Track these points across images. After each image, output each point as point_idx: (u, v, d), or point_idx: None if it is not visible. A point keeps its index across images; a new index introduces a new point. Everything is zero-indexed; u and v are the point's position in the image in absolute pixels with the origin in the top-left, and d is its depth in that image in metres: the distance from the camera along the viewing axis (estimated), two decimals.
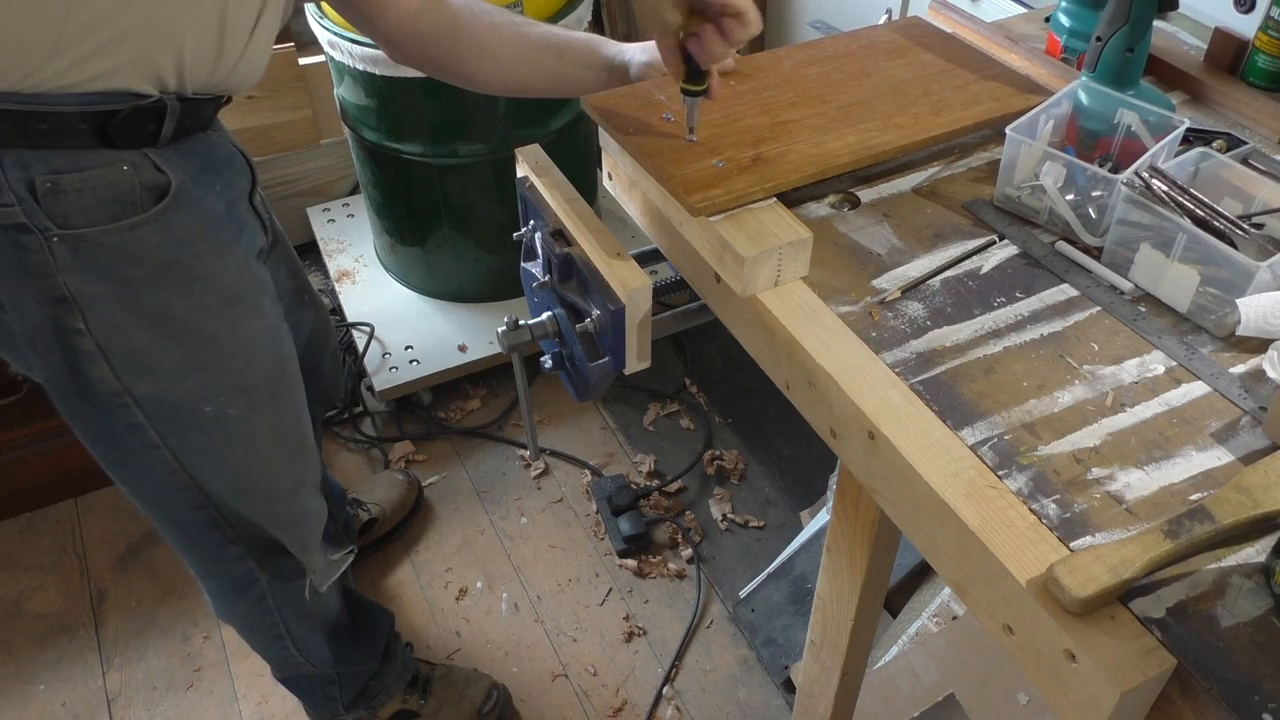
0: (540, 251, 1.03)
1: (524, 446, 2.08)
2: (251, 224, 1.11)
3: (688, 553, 1.86)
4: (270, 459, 1.17)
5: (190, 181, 0.97)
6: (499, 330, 1.03)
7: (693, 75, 0.91)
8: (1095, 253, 0.90)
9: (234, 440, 1.11)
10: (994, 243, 0.92)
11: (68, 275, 0.91)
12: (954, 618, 1.48)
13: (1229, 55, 1.13)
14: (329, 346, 1.46)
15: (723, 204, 0.88)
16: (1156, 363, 0.80)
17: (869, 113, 1.01)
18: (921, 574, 1.59)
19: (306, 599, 1.32)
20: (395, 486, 1.91)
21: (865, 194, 0.98)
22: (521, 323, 1.04)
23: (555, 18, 1.74)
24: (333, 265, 2.31)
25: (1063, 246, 0.91)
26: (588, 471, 2.02)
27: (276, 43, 1.05)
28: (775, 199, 0.91)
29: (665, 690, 1.68)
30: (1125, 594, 0.63)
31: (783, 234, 0.86)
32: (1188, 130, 0.93)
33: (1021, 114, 0.94)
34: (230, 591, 1.30)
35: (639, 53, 1.12)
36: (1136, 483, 0.71)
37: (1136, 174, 0.87)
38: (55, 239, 0.89)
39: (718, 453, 2.04)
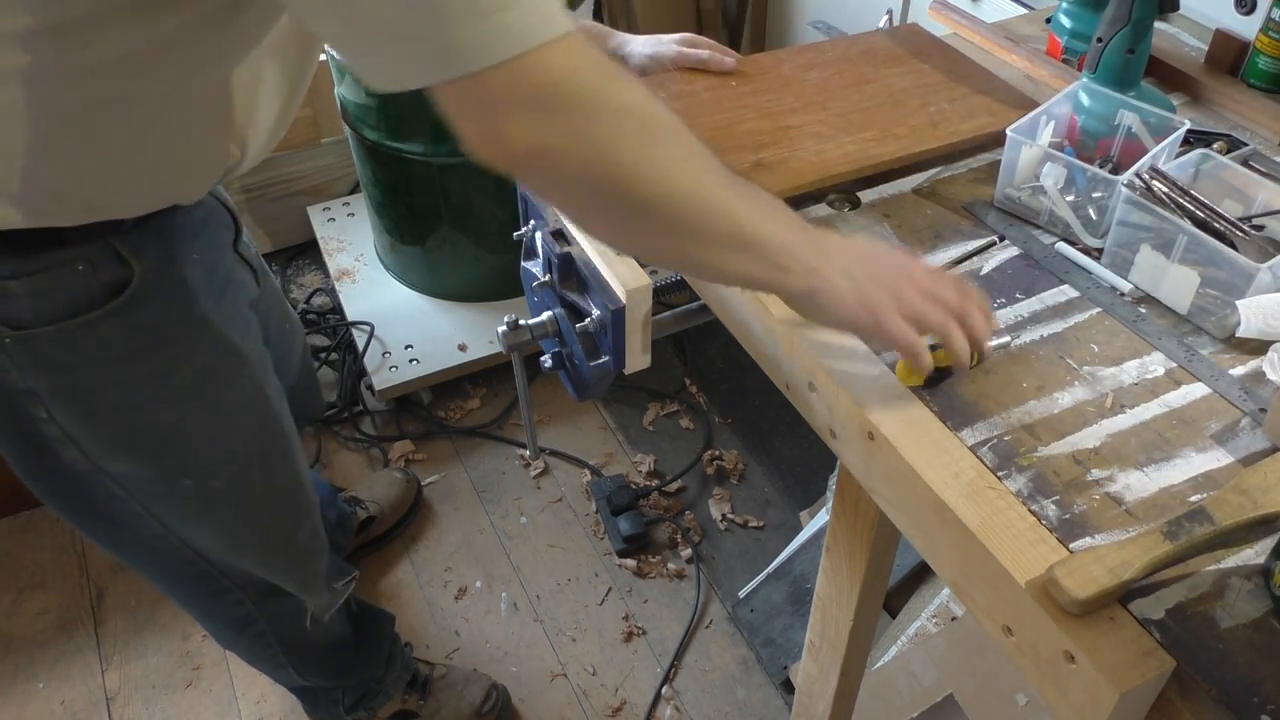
0: (540, 251, 1.03)
1: (524, 446, 2.07)
2: (239, 276, 1.05)
3: (687, 553, 1.86)
4: (264, 516, 1.14)
5: (160, 263, 0.91)
6: (499, 330, 1.03)
7: None
8: (1095, 254, 0.90)
9: (222, 505, 1.08)
10: (994, 243, 0.92)
11: (24, 372, 0.88)
12: (953, 618, 1.48)
13: (1230, 57, 1.13)
14: (309, 366, 1.45)
15: None
16: (1156, 364, 0.80)
17: (868, 122, 1.01)
18: (921, 574, 1.58)
19: (307, 628, 1.31)
20: (394, 485, 1.91)
21: (865, 194, 0.98)
22: (521, 322, 1.04)
23: None
24: (333, 264, 2.31)
25: (1063, 247, 0.91)
26: (587, 471, 2.02)
27: None
28: None
29: (664, 690, 1.67)
30: (1125, 595, 0.63)
31: None
32: (1188, 132, 0.93)
33: None
34: (229, 631, 1.30)
35: (641, 45, 1.12)
36: (1136, 484, 0.71)
37: (1137, 175, 0.87)
38: (8, 340, 0.85)
39: (717, 453, 2.04)
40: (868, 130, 1.00)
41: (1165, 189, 0.86)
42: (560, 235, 0.98)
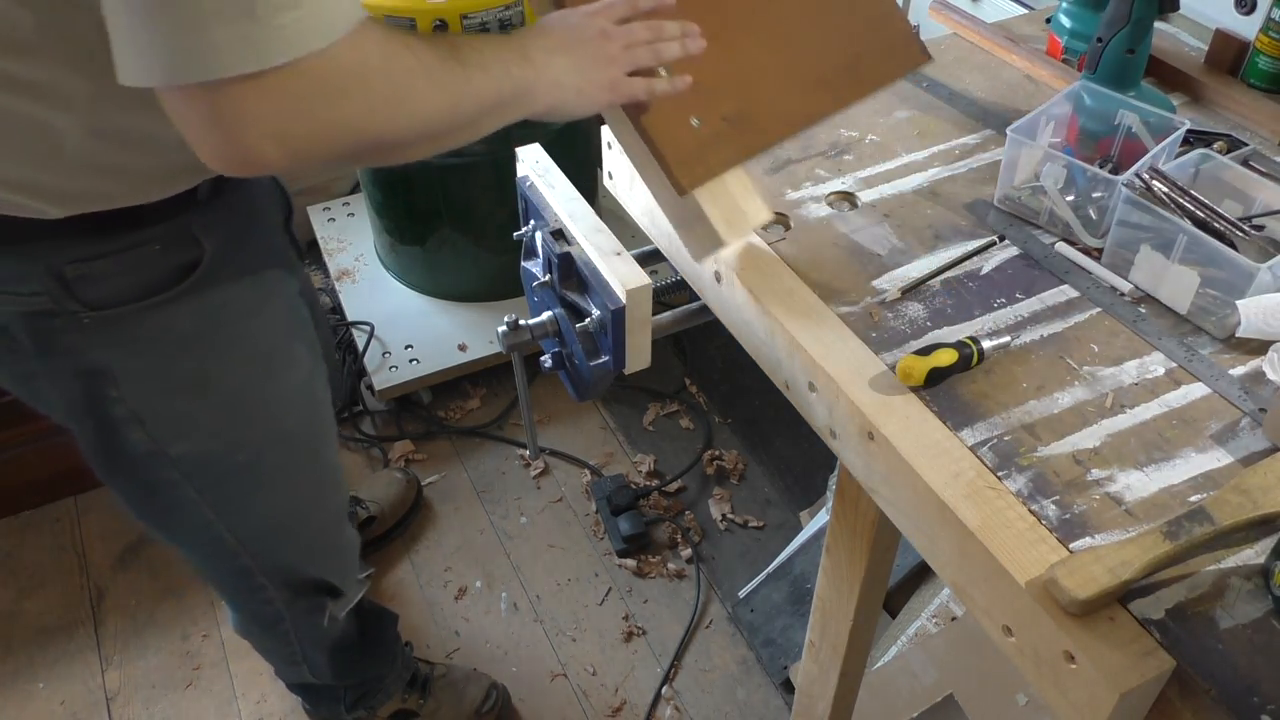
0: (540, 251, 1.03)
1: (524, 446, 2.07)
2: (289, 256, 1.08)
3: (687, 553, 1.86)
4: (311, 499, 1.17)
5: (228, 242, 0.94)
6: (499, 330, 1.03)
7: None
8: (1095, 254, 0.90)
9: (270, 485, 1.10)
10: (994, 243, 0.92)
11: (99, 351, 0.91)
12: (953, 618, 1.48)
13: (1229, 57, 1.13)
14: (331, 356, 1.46)
15: (705, 178, 0.88)
16: (1156, 364, 0.80)
17: (797, 49, 0.94)
18: (921, 574, 1.58)
19: (324, 627, 1.33)
20: (394, 484, 1.91)
21: (865, 194, 0.98)
22: (521, 322, 1.04)
23: None
24: (333, 264, 2.31)
25: (1063, 247, 0.91)
26: (587, 471, 2.02)
27: None
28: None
29: (664, 690, 1.67)
30: (1124, 595, 0.63)
31: (753, 214, 0.89)
32: (1188, 132, 0.93)
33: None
34: (254, 625, 1.32)
35: None
36: (1136, 484, 0.71)
37: (1137, 175, 0.87)
38: (86, 319, 0.88)
39: (717, 453, 2.04)
40: (803, 62, 0.94)
41: (1165, 189, 0.86)
42: (560, 235, 0.98)
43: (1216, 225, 0.83)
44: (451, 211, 2.05)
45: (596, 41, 0.81)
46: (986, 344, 0.79)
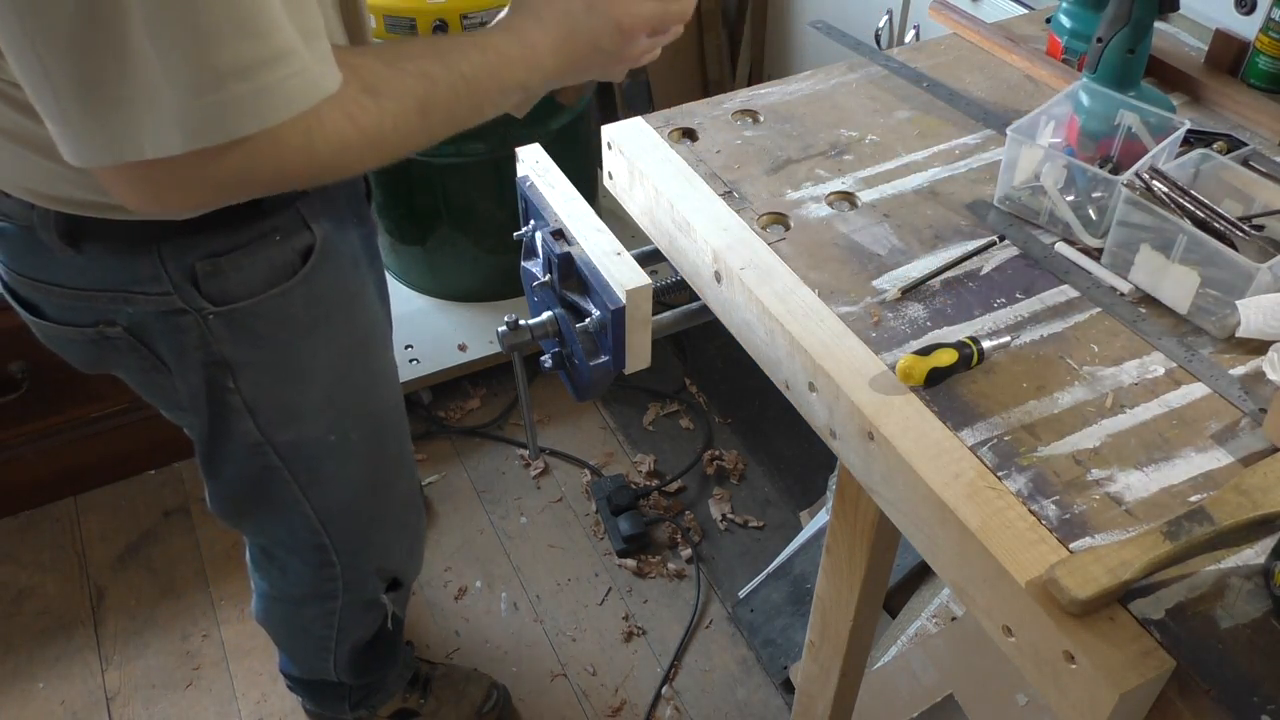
0: (540, 251, 1.03)
1: (524, 446, 2.07)
2: (372, 238, 1.11)
3: (687, 552, 1.86)
4: (389, 476, 1.20)
5: (332, 227, 0.97)
6: (499, 330, 1.03)
7: None
8: (1095, 254, 0.90)
9: (355, 460, 1.13)
10: (994, 243, 0.92)
11: (222, 345, 0.93)
12: (953, 618, 1.48)
13: (1230, 57, 1.13)
14: None
15: None
16: (1156, 364, 0.80)
17: None
18: (921, 574, 1.58)
19: (389, 627, 1.37)
20: None
21: (865, 194, 0.98)
22: (521, 322, 1.04)
23: None
24: None
25: (1063, 247, 0.91)
26: (587, 471, 2.02)
27: None
28: None
29: (664, 690, 1.68)
30: (1124, 595, 0.63)
31: None
32: (1188, 132, 0.93)
33: None
34: (311, 603, 1.31)
35: None
36: (1136, 484, 0.71)
37: (1137, 175, 0.87)
38: (211, 316, 0.90)
39: (717, 452, 2.04)
40: None
41: (1165, 189, 0.86)
42: (560, 235, 0.98)
43: (1216, 225, 0.83)
44: (451, 211, 2.05)
45: (610, 56, 0.83)
46: (986, 344, 0.79)
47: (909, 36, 1.73)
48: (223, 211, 0.83)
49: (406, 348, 2.11)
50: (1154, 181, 0.86)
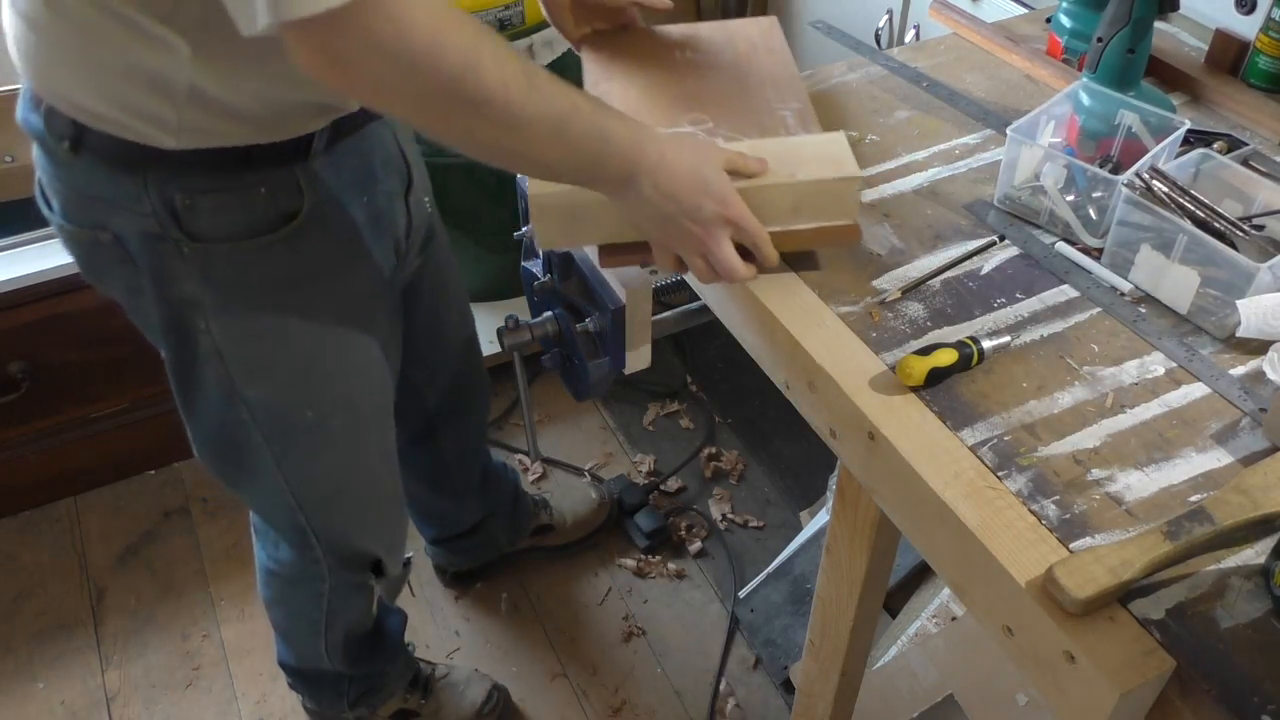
0: (540, 251, 1.03)
1: (523, 452, 2.07)
2: (399, 224, 1.09)
3: (695, 545, 1.86)
4: (369, 471, 1.19)
5: (330, 198, 0.97)
6: (499, 330, 1.04)
7: None
8: (1095, 254, 0.90)
9: (332, 449, 1.12)
10: (994, 243, 0.92)
11: (195, 282, 0.94)
12: (953, 618, 1.48)
13: (1230, 57, 1.13)
14: (475, 355, 1.49)
15: None
16: (1156, 364, 0.80)
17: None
18: (921, 574, 1.58)
19: (365, 607, 1.35)
20: (584, 503, 1.90)
21: (865, 194, 0.98)
22: (521, 322, 1.04)
23: None
24: None
25: (1063, 247, 0.91)
26: (586, 475, 2.02)
27: None
28: None
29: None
30: (1125, 595, 0.63)
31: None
32: (1188, 131, 0.93)
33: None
34: (300, 584, 1.32)
35: None
36: (1136, 484, 0.71)
37: (1137, 175, 0.87)
38: (186, 249, 0.92)
39: (714, 451, 2.04)
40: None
41: (1165, 189, 0.86)
42: None
43: (1216, 225, 0.83)
44: (451, 211, 2.05)
45: (696, 221, 0.81)
46: (986, 344, 0.79)
47: (909, 36, 1.73)
48: (212, 153, 0.87)
49: None
50: (1154, 181, 0.86)
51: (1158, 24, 1.07)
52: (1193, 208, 0.84)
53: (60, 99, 0.86)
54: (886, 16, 1.75)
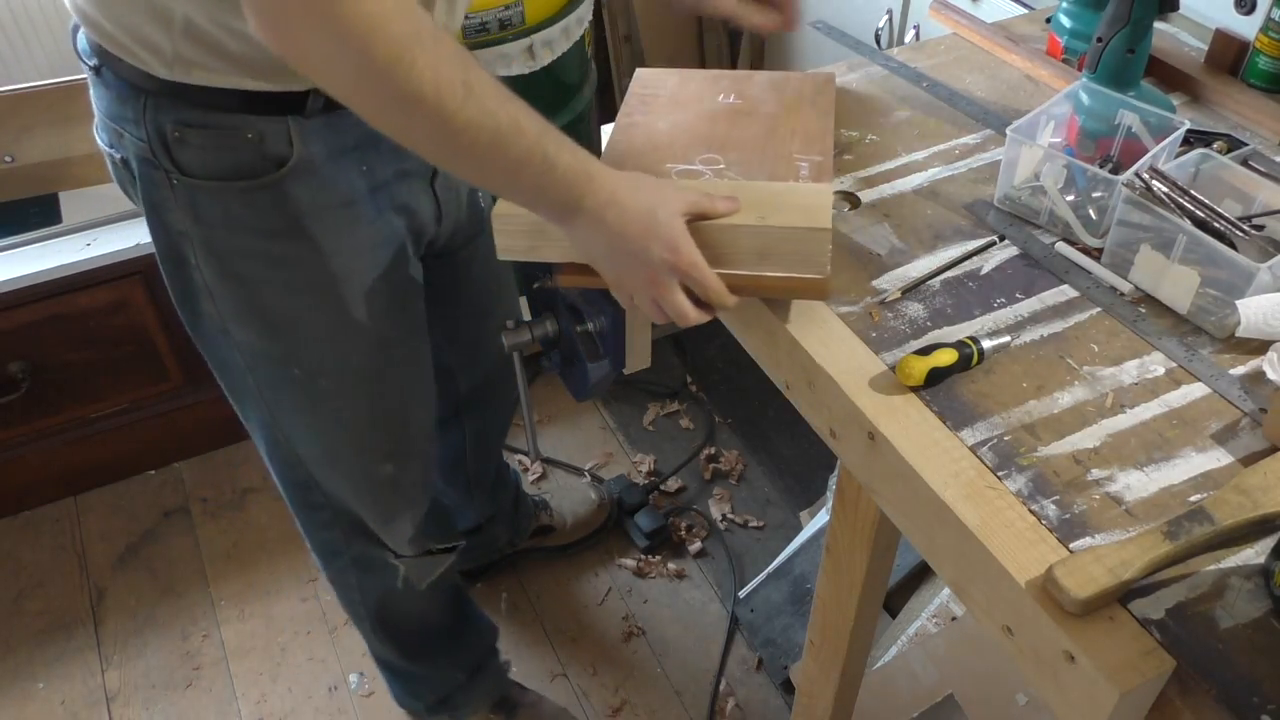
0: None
1: (522, 452, 2.07)
2: (414, 205, 1.07)
3: (695, 545, 1.86)
4: (359, 434, 1.16)
5: (323, 157, 0.95)
6: (499, 330, 1.03)
7: None
8: (1095, 254, 0.90)
9: (322, 408, 1.11)
10: (994, 243, 0.92)
11: (183, 215, 0.95)
12: (953, 618, 1.48)
13: (1230, 57, 1.13)
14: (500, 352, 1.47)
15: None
16: (1156, 364, 0.80)
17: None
18: (921, 574, 1.58)
19: (398, 588, 1.32)
20: (584, 504, 1.89)
21: (865, 194, 0.98)
22: (521, 322, 1.04)
23: (555, 18, 1.74)
24: None
25: (1063, 247, 0.91)
26: (586, 475, 2.02)
27: None
28: None
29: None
30: (1124, 595, 0.63)
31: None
32: (1188, 131, 0.93)
33: None
34: (320, 556, 1.31)
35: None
36: (1136, 484, 0.71)
37: (1137, 175, 0.87)
38: (175, 181, 0.93)
39: (713, 451, 2.04)
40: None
41: (1165, 189, 0.86)
42: None
43: (1216, 225, 0.83)
44: None
45: (644, 265, 0.80)
46: (986, 344, 0.79)
47: (909, 36, 1.73)
48: (205, 89, 0.88)
49: None
50: (1154, 181, 0.86)
51: (1158, 24, 1.07)
52: (1192, 208, 0.84)
53: (84, 17, 0.89)
54: (886, 16, 1.75)
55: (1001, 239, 0.92)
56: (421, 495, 1.30)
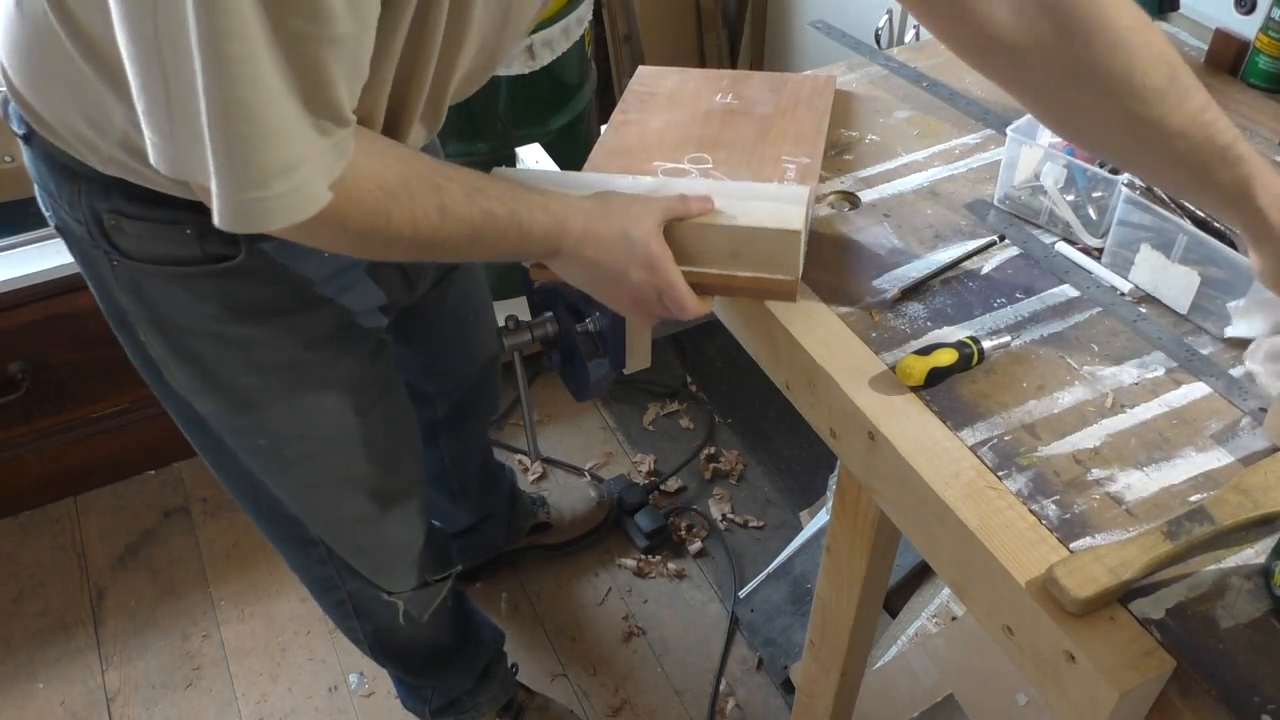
0: None
1: (522, 452, 2.07)
2: (385, 283, 1.05)
3: (695, 545, 1.86)
4: (334, 495, 1.14)
5: (275, 252, 0.91)
6: (499, 330, 1.03)
7: None
8: (1096, 253, 0.90)
9: (295, 474, 1.09)
10: (994, 243, 0.92)
11: (127, 294, 0.93)
12: (953, 618, 1.48)
13: (1230, 56, 1.13)
14: (491, 375, 1.46)
15: None
16: (1156, 364, 0.80)
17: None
18: (921, 574, 1.58)
19: (399, 622, 1.30)
20: (584, 501, 1.89)
21: (865, 194, 0.98)
22: (521, 322, 1.04)
23: (555, 18, 1.74)
24: None
25: (1063, 247, 0.91)
26: (586, 475, 2.02)
27: None
28: None
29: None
30: (1125, 595, 0.63)
31: None
32: None
33: None
34: (314, 588, 1.29)
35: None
36: (1136, 484, 0.71)
37: None
38: (115, 262, 0.91)
39: (713, 451, 2.03)
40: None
41: None
42: None
43: (1216, 225, 0.83)
44: None
45: (625, 288, 0.83)
46: (986, 344, 0.79)
47: (909, 36, 1.73)
48: (140, 188, 0.85)
49: None
50: None
51: (1158, 24, 1.07)
52: (1192, 207, 0.84)
53: (16, 97, 0.86)
54: (886, 16, 1.75)
55: (1002, 239, 0.92)
56: (414, 538, 1.26)
